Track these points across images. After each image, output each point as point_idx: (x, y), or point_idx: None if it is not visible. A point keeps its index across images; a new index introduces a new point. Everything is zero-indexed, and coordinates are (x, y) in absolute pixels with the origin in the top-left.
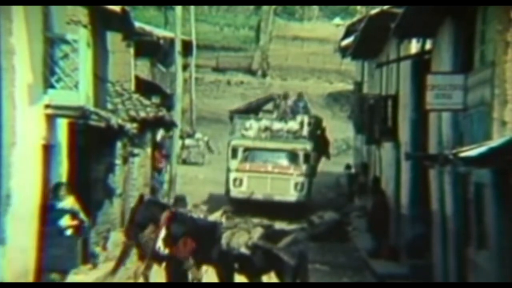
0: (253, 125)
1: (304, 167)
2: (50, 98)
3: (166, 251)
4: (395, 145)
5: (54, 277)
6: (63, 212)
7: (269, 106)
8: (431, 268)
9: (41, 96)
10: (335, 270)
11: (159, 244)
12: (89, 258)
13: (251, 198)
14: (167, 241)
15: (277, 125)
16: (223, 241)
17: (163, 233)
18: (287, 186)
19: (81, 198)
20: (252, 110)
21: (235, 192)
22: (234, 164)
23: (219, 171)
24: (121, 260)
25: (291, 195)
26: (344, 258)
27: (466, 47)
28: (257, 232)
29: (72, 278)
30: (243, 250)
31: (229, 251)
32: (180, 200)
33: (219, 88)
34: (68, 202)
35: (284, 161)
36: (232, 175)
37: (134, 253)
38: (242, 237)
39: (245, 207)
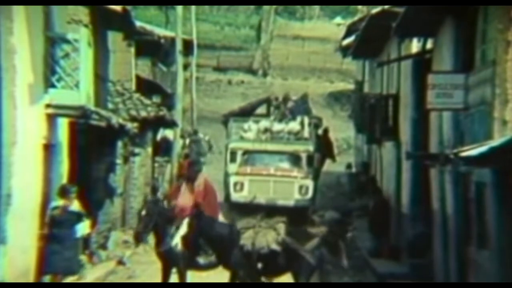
0: (252, 127)
1: (308, 170)
2: (51, 98)
3: (182, 249)
4: (396, 144)
5: (50, 278)
6: (73, 214)
7: (264, 109)
8: (431, 268)
9: (42, 95)
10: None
11: (177, 240)
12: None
13: (253, 202)
14: (185, 239)
15: (277, 127)
16: (247, 241)
17: (184, 230)
18: (291, 190)
19: (82, 197)
20: (246, 113)
21: (235, 197)
22: (233, 168)
23: (221, 171)
24: None
25: (296, 199)
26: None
27: (467, 47)
28: (282, 228)
29: (71, 277)
30: (274, 246)
31: (253, 251)
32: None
33: (220, 88)
34: (76, 205)
35: (286, 164)
36: (232, 179)
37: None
38: (269, 234)
39: (247, 212)
